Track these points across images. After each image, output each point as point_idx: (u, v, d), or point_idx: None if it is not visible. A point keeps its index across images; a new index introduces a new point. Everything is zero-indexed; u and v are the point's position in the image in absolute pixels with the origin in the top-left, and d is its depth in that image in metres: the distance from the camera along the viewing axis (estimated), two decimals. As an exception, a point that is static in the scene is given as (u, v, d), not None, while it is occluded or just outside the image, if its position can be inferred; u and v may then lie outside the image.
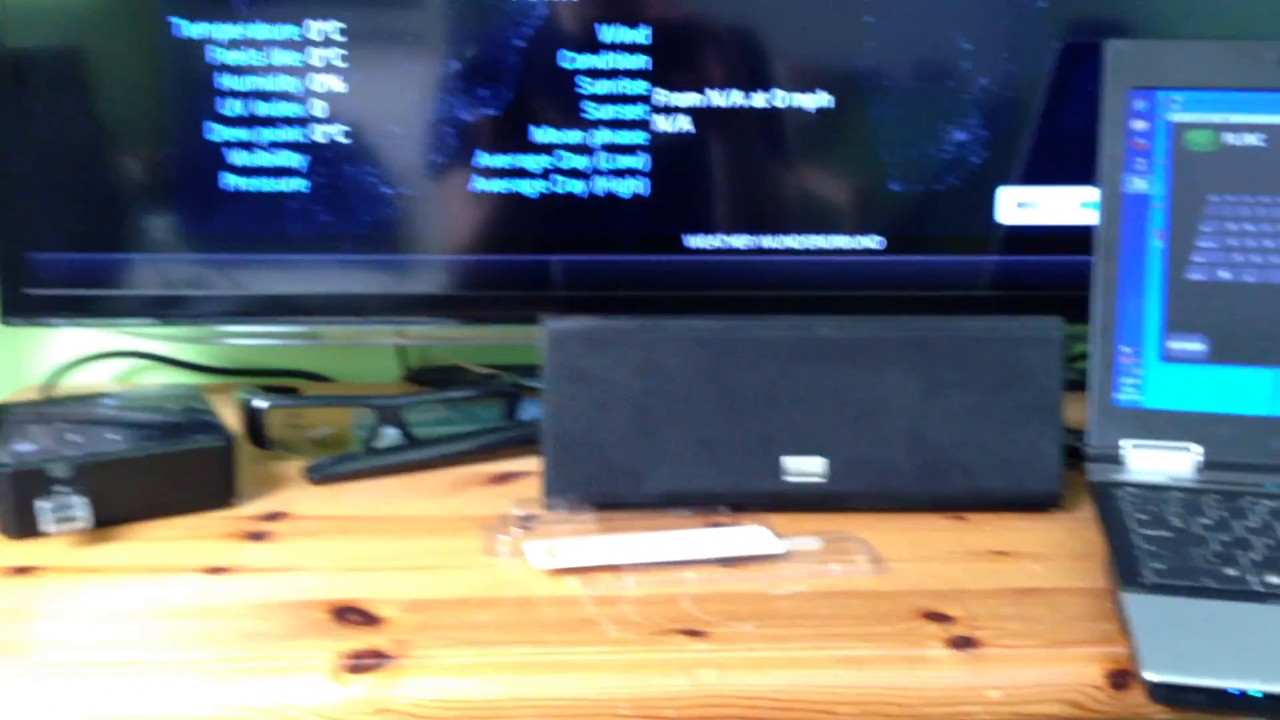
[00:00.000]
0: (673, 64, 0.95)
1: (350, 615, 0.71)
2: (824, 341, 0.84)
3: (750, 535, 0.80)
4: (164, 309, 0.98)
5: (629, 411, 0.84)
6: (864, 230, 0.98)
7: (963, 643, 0.68)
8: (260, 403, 0.95)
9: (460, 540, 0.81)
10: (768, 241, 0.98)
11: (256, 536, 0.82)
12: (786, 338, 0.84)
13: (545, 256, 0.98)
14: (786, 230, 0.98)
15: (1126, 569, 0.71)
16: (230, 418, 0.91)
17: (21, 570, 0.77)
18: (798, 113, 0.96)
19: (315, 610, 0.72)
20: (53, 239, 0.96)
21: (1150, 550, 0.73)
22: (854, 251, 0.98)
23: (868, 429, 0.84)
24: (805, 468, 0.84)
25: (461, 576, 0.76)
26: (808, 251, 0.98)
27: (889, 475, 0.84)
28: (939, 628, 0.70)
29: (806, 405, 0.84)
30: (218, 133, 0.94)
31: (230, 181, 0.95)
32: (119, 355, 1.15)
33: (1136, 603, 0.68)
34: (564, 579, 0.75)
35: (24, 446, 0.83)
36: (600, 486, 0.84)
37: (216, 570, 0.77)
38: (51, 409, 0.91)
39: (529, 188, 0.96)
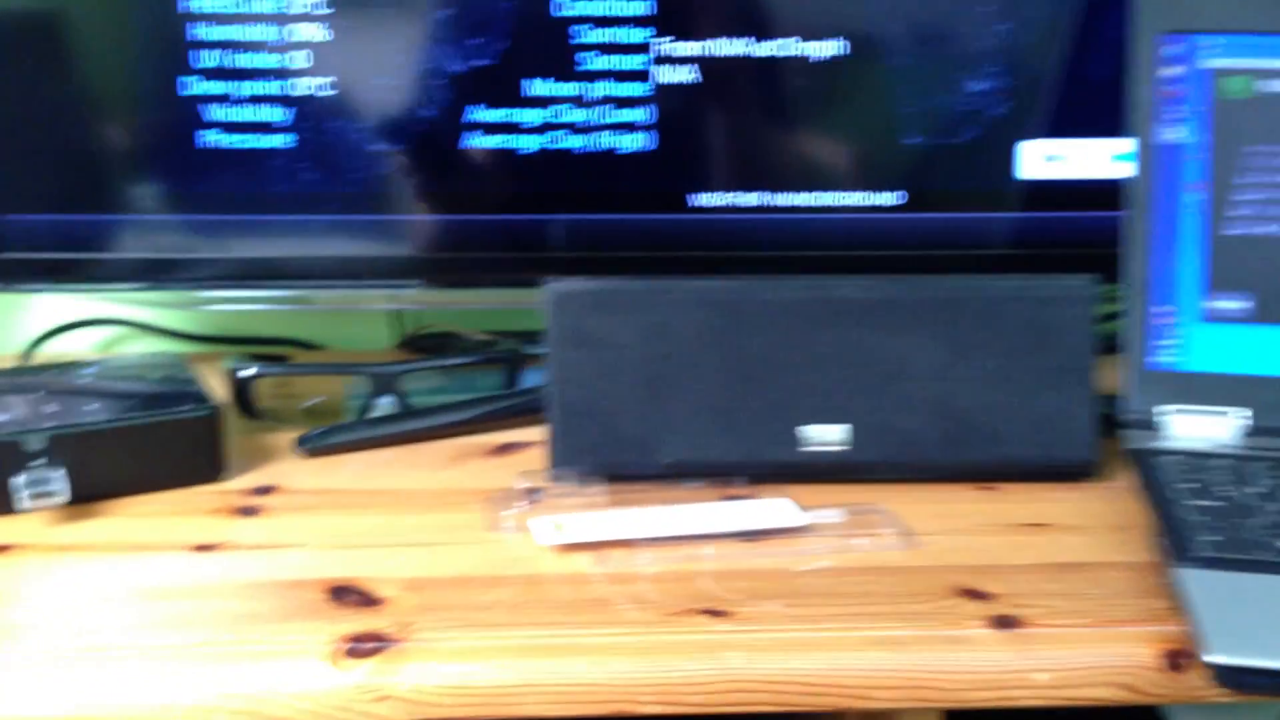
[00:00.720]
0: (676, 10, 0.91)
1: (348, 595, 0.68)
2: (843, 303, 0.81)
3: (770, 508, 0.76)
4: (146, 273, 0.95)
5: (637, 377, 0.81)
6: (880, 186, 0.94)
7: (1005, 622, 0.65)
8: (247, 371, 0.92)
9: (462, 515, 0.78)
10: (778, 199, 0.95)
11: (246, 511, 0.79)
12: (803, 298, 0.81)
13: (543, 216, 0.95)
14: (797, 187, 0.95)
15: (1177, 542, 0.68)
16: (217, 387, 0.88)
17: (-4, 549, 0.73)
18: (808, 62, 0.92)
19: (310, 590, 0.69)
20: (28, 200, 0.93)
21: (1201, 522, 0.69)
22: (869, 209, 0.95)
23: (890, 395, 0.81)
24: (825, 436, 0.80)
25: (464, 553, 0.73)
26: (820, 209, 0.95)
27: (913, 443, 0.81)
28: (977, 605, 0.67)
29: (824, 370, 0.81)
30: (194, 86, 0.90)
31: (210, 138, 0.92)
32: (100, 323, 1.12)
33: (1191, 578, 0.65)
34: (573, 555, 0.72)
35: (-2, 417, 0.80)
36: (609, 457, 0.81)
37: (204, 548, 0.74)
38: (28, 378, 0.89)
39: (525, 143, 0.93)
